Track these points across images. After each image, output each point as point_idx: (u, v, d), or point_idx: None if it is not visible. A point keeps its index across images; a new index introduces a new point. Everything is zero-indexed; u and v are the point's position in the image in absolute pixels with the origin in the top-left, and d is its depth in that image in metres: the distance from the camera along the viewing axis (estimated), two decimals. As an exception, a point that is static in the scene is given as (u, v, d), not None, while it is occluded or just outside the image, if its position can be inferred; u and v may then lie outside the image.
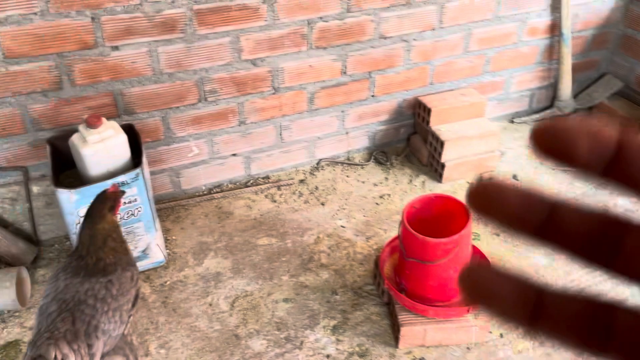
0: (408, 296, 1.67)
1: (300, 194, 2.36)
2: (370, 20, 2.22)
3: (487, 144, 2.40)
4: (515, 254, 2.04)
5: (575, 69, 2.73)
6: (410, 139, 2.61)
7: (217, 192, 2.37)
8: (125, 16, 1.84)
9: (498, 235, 2.12)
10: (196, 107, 2.14)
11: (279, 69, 2.19)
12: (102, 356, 1.30)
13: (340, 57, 2.26)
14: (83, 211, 1.52)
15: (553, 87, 2.79)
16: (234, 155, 2.33)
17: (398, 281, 1.75)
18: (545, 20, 2.54)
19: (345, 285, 1.93)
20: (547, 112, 2.82)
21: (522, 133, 2.74)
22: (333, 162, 2.53)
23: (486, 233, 2.12)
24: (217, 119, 2.20)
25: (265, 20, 2.05)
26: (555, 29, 2.58)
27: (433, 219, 1.72)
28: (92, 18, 1.80)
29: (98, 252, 1.40)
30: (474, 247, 1.85)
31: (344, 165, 2.53)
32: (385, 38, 2.28)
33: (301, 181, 2.43)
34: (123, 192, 1.57)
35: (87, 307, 1.30)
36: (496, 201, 0.23)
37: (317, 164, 2.52)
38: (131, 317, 1.41)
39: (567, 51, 2.62)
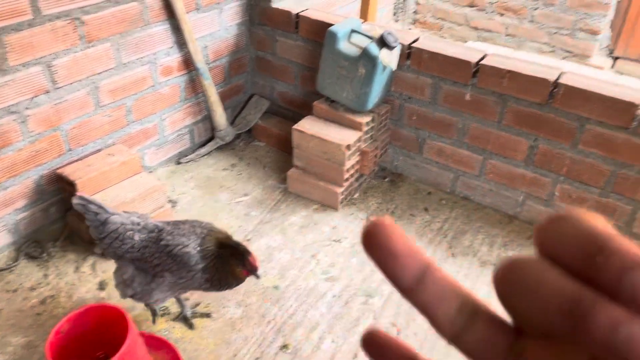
0: None
1: None
2: (-48, 99, 1.73)
3: (154, 200, 2.18)
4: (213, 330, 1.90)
5: (224, 96, 2.74)
6: (67, 217, 2.22)
7: None
8: None
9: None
10: None
11: None
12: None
13: None
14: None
15: (209, 119, 2.75)
16: None
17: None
18: (175, 57, 2.44)
19: None
20: (211, 143, 2.77)
21: (192, 173, 2.63)
22: (-33, 278, 1.96)
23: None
24: None
25: None
26: (189, 64, 2.51)
27: (94, 332, 1.42)
28: None
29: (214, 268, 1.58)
30: (160, 340, 1.62)
31: (-16, 276, 1.98)
32: (-17, 115, 1.82)
33: None
34: (257, 274, 1.60)
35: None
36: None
37: (-57, 288, 1.91)
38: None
39: (208, 83, 2.58)
